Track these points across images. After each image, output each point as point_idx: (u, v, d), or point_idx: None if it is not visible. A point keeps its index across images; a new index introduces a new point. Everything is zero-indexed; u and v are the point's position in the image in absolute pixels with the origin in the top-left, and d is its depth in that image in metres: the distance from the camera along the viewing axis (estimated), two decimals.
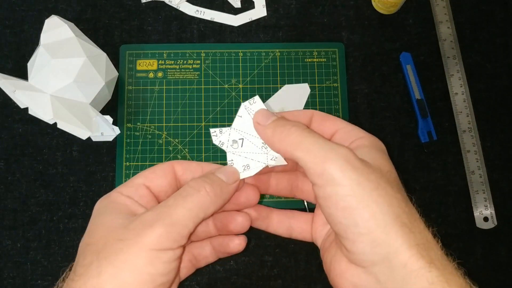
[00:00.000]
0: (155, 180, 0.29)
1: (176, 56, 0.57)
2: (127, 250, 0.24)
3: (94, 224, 0.27)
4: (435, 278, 0.25)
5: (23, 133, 0.55)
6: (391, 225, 0.26)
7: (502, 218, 0.54)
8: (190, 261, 0.32)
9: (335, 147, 0.28)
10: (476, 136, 0.56)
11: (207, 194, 0.28)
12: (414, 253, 0.25)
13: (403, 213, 0.27)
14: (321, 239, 0.33)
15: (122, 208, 0.27)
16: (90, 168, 0.54)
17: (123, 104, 0.56)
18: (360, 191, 0.26)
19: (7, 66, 0.57)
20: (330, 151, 0.27)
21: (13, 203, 0.53)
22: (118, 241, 0.25)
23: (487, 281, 0.53)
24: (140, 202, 0.28)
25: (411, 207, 0.28)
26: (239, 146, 0.32)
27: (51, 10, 0.58)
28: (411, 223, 0.27)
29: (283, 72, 0.57)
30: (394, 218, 0.26)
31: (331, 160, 0.27)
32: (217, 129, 0.32)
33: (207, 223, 0.32)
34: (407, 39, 0.58)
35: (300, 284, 0.52)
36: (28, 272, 0.52)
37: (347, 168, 0.27)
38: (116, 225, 0.26)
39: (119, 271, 0.24)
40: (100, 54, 0.51)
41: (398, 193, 0.28)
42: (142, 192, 0.29)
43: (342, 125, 0.32)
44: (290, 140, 0.29)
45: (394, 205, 0.27)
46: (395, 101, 0.57)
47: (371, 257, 0.26)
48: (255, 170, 0.31)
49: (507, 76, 0.58)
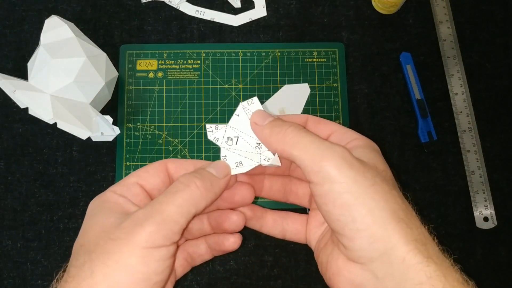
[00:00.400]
0: (148, 178, 0.29)
1: (176, 56, 0.57)
2: (120, 250, 0.24)
3: (87, 224, 0.27)
4: (433, 272, 0.25)
5: (23, 133, 0.55)
6: (389, 220, 0.26)
7: (502, 218, 0.54)
8: (185, 260, 0.32)
9: (331, 146, 0.28)
10: (476, 136, 0.56)
11: (197, 188, 0.27)
12: (411, 248, 0.26)
13: (399, 209, 0.27)
14: (315, 241, 0.33)
15: (115, 207, 0.27)
16: (90, 168, 0.54)
17: (123, 104, 0.56)
18: (357, 188, 0.27)
19: (7, 66, 0.57)
20: (326, 149, 0.28)
21: (13, 203, 0.53)
22: (110, 240, 0.25)
23: (487, 281, 0.53)
24: (134, 201, 0.28)
25: (407, 203, 0.28)
26: (234, 144, 0.32)
27: (51, 10, 0.58)
28: (408, 219, 0.27)
29: (283, 72, 0.57)
30: (391, 213, 0.26)
31: (328, 158, 0.27)
32: (213, 125, 0.33)
33: (202, 221, 0.32)
34: (407, 39, 0.58)
35: (300, 284, 0.52)
36: (28, 272, 0.52)
37: (343, 165, 0.27)
38: (109, 225, 0.26)
39: (112, 271, 0.24)
40: (100, 54, 0.51)
41: (393, 190, 0.28)
42: (135, 190, 0.29)
43: (337, 127, 0.32)
44: (287, 140, 0.29)
45: (390, 201, 0.27)
46: (395, 101, 0.57)
47: (369, 253, 0.26)
48: (247, 167, 0.31)
49: (507, 76, 0.58)
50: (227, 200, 0.31)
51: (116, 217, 0.26)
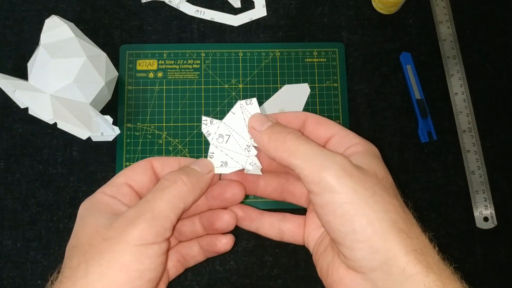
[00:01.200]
0: (136, 177, 0.30)
1: (176, 56, 0.57)
2: (113, 249, 0.25)
3: (79, 226, 0.27)
4: (432, 282, 0.25)
5: (23, 133, 0.55)
6: (389, 231, 0.26)
7: (502, 218, 0.54)
8: (178, 261, 0.32)
9: (331, 155, 0.28)
10: (476, 136, 0.56)
11: (184, 184, 0.28)
12: (411, 258, 0.26)
13: (400, 219, 0.27)
14: (313, 243, 0.33)
15: (105, 208, 0.28)
16: (90, 168, 0.54)
17: (123, 104, 0.56)
18: (357, 198, 0.27)
19: (7, 66, 0.57)
20: (326, 159, 0.28)
21: (13, 203, 0.53)
22: (103, 240, 0.25)
23: (487, 281, 0.53)
24: (123, 200, 0.29)
25: (407, 212, 0.29)
26: (224, 142, 0.32)
27: (51, 10, 0.58)
28: (408, 229, 0.27)
29: (283, 72, 0.57)
30: (391, 224, 0.27)
31: (328, 168, 0.27)
32: (208, 118, 0.33)
33: (194, 222, 0.32)
34: (407, 39, 0.58)
35: (300, 284, 0.52)
36: (28, 272, 0.52)
37: (343, 176, 0.27)
38: (100, 226, 0.26)
39: (107, 270, 0.24)
40: (100, 54, 0.51)
41: (394, 199, 0.28)
42: (124, 190, 0.29)
43: (337, 130, 0.32)
44: (286, 148, 0.29)
45: (390, 211, 0.27)
46: (395, 101, 0.57)
47: (369, 263, 0.27)
48: (231, 169, 0.32)
49: (507, 76, 0.58)
50: (218, 198, 0.32)
51: (108, 217, 0.27)
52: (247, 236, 0.53)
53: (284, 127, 0.31)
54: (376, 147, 0.32)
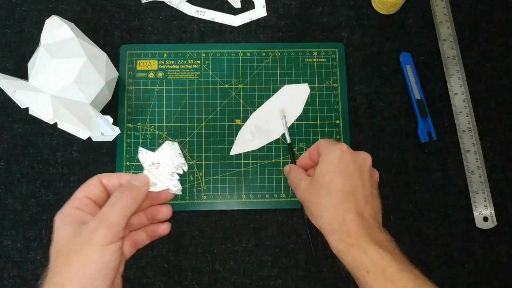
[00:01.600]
0: (91, 191, 0.39)
1: (176, 56, 0.57)
2: (85, 251, 0.35)
3: (58, 235, 0.36)
4: None
5: (23, 133, 0.55)
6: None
7: (502, 218, 0.54)
8: (131, 245, 0.41)
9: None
10: (476, 136, 0.56)
11: (128, 198, 0.37)
12: None
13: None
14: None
15: (74, 219, 0.37)
16: (90, 168, 0.54)
17: (123, 104, 0.56)
18: None
19: (8, 66, 0.57)
20: None
21: (13, 203, 0.54)
22: (77, 245, 0.35)
23: (487, 281, 0.53)
24: (86, 211, 0.37)
25: None
26: (155, 168, 0.41)
27: (51, 10, 0.58)
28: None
29: (283, 72, 0.57)
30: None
31: None
32: (144, 150, 0.42)
33: (141, 217, 0.42)
34: (407, 39, 0.59)
35: (300, 284, 0.52)
36: (28, 272, 0.52)
37: None
38: (73, 234, 0.35)
39: (83, 265, 0.34)
40: (100, 54, 0.51)
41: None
42: (85, 202, 0.38)
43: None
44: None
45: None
46: (395, 101, 0.57)
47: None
48: (159, 188, 0.41)
49: (507, 76, 0.58)
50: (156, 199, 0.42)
51: (77, 227, 0.36)
52: (247, 236, 0.53)
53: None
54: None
